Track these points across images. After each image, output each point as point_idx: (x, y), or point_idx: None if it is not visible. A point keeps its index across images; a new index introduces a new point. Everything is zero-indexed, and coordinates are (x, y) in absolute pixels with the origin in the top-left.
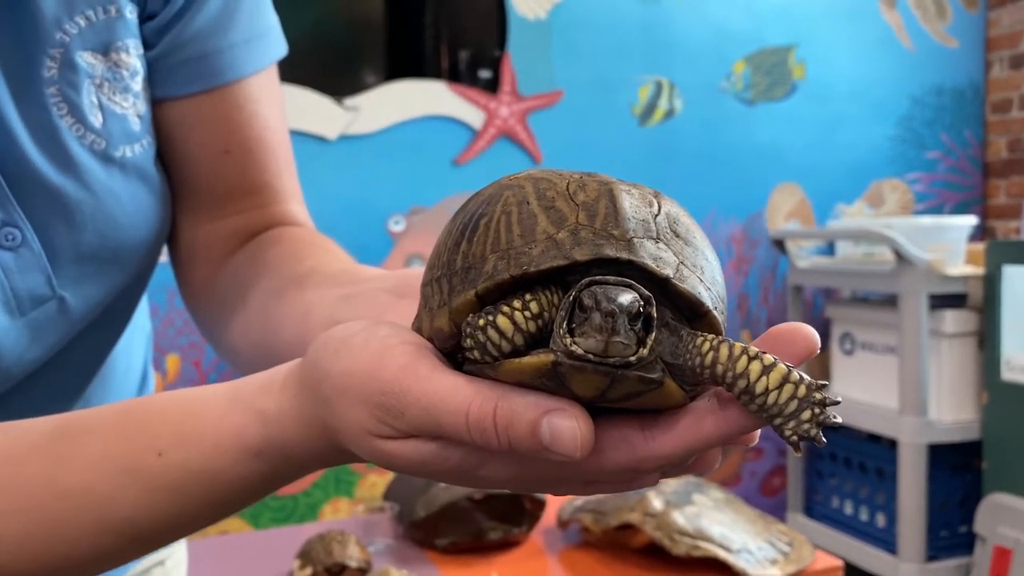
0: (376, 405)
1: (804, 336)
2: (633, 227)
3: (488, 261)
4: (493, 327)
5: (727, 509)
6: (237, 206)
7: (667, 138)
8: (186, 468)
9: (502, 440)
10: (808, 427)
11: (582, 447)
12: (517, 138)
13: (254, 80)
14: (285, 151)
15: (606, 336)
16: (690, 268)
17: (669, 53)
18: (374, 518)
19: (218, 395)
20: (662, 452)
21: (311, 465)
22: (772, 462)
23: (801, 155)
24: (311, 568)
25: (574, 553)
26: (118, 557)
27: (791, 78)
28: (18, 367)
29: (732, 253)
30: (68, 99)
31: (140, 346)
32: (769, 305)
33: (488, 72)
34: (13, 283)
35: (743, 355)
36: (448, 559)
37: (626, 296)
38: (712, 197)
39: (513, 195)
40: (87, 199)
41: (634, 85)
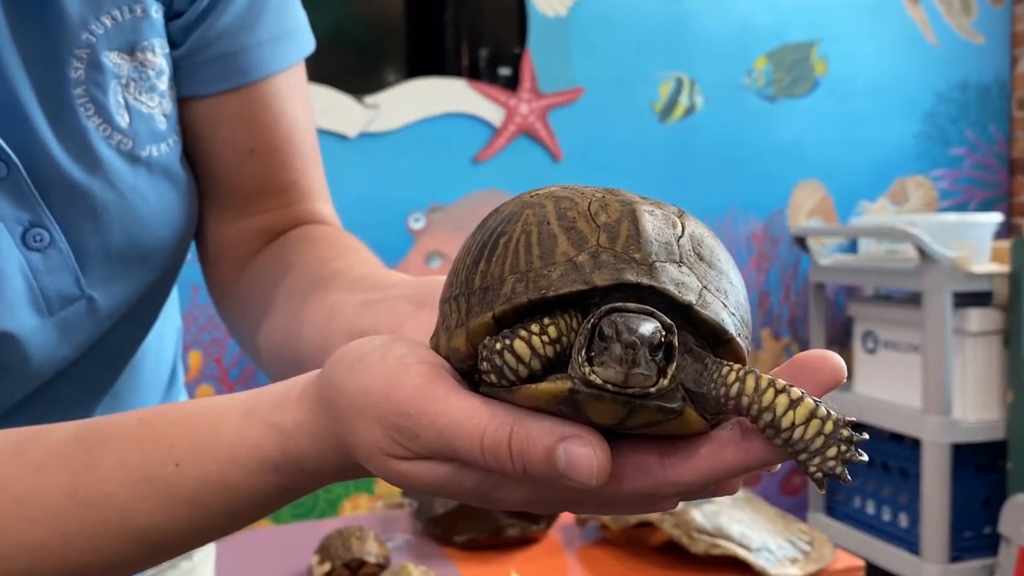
0: (391, 426)
1: (831, 366)
2: (655, 250)
3: (507, 283)
4: (510, 351)
5: (747, 507)
6: (263, 205)
7: (687, 135)
8: (203, 480)
9: (517, 465)
10: (834, 464)
11: (599, 475)
12: (537, 135)
13: (281, 78)
14: (312, 150)
15: (626, 368)
16: (714, 293)
17: (690, 49)
18: (393, 514)
19: (236, 407)
20: (681, 480)
21: (327, 479)
22: (792, 462)
23: (823, 152)
24: (330, 563)
25: (592, 550)
26: (138, 565)
27: (813, 74)
28: (48, 365)
29: (753, 251)
30: (95, 99)
31: (171, 341)
32: (791, 303)
33: (508, 69)
34: (42, 283)
35: (770, 388)
36: (466, 555)
37: (647, 326)
38: (733, 194)
39: (533, 214)
40: (114, 199)
41: (654, 82)
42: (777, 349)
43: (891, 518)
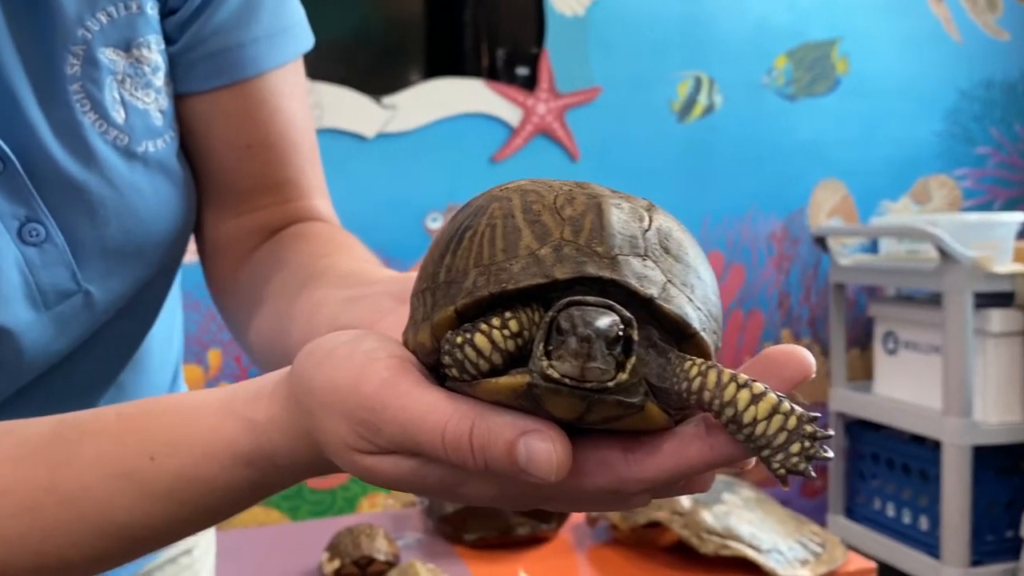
0: (356, 420)
1: (797, 360)
2: (619, 243)
3: (469, 276)
4: (470, 345)
5: (758, 508)
6: (260, 201)
7: (706, 134)
8: (178, 474)
9: (478, 460)
10: (797, 460)
11: (558, 470)
12: (555, 135)
13: (277, 75)
14: (309, 147)
15: (582, 361)
16: (678, 287)
17: (708, 48)
18: (404, 512)
19: (211, 402)
20: (644, 476)
21: (300, 474)
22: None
23: (844, 151)
24: (339, 561)
25: (602, 550)
26: (117, 559)
27: (834, 73)
28: (43, 359)
29: (773, 251)
30: (91, 96)
31: (176, 337)
32: (811, 303)
33: (526, 69)
34: (38, 278)
35: (732, 383)
36: (476, 554)
37: (604, 320)
38: (752, 194)
39: (500, 207)
40: (110, 194)
41: (673, 81)
42: None
43: (911, 521)
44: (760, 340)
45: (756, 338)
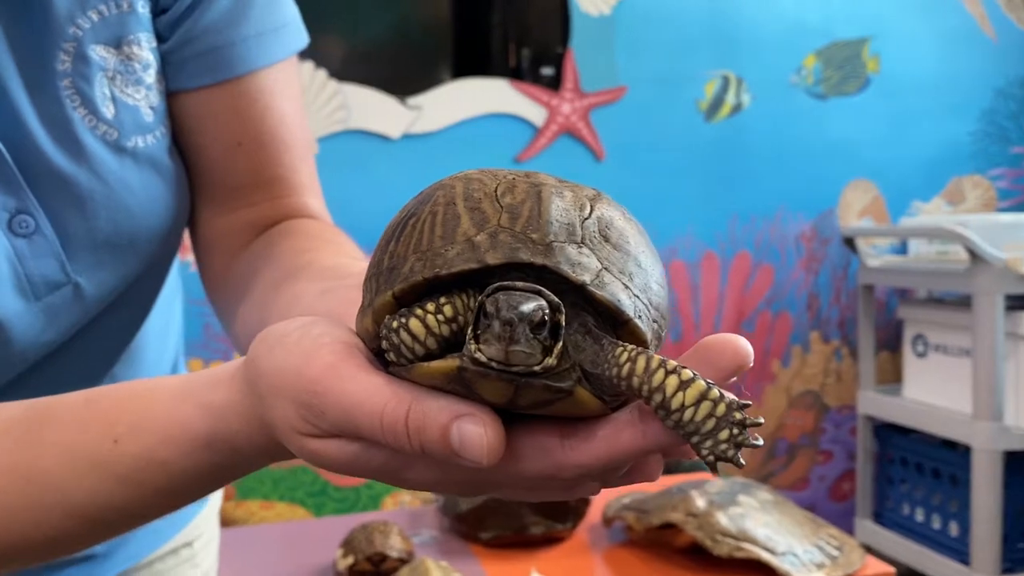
0: (300, 404)
1: (734, 349)
2: (555, 230)
3: (408, 261)
4: (405, 329)
5: (774, 511)
6: (251, 198)
7: (734, 134)
8: (139, 457)
9: (414, 443)
10: (726, 447)
11: (489, 454)
12: (579, 135)
13: (268, 73)
14: (301, 145)
15: (504, 344)
16: (615, 275)
17: (736, 47)
18: (421, 510)
19: (173, 387)
20: (579, 462)
21: (258, 459)
22: (842, 466)
23: (875, 151)
24: (353, 557)
25: (617, 551)
26: (83, 540)
27: (865, 72)
28: (33, 349)
29: (802, 251)
30: (81, 91)
31: (174, 331)
32: (840, 305)
33: (551, 69)
34: (27, 269)
35: (660, 368)
36: (491, 553)
37: (529, 304)
38: (781, 194)
39: (443, 195)
40: (99, 188)
41: (700, 80)
42: (827, 352)
43: (941, 527)
44: (788, 342)
45: (784, 340)
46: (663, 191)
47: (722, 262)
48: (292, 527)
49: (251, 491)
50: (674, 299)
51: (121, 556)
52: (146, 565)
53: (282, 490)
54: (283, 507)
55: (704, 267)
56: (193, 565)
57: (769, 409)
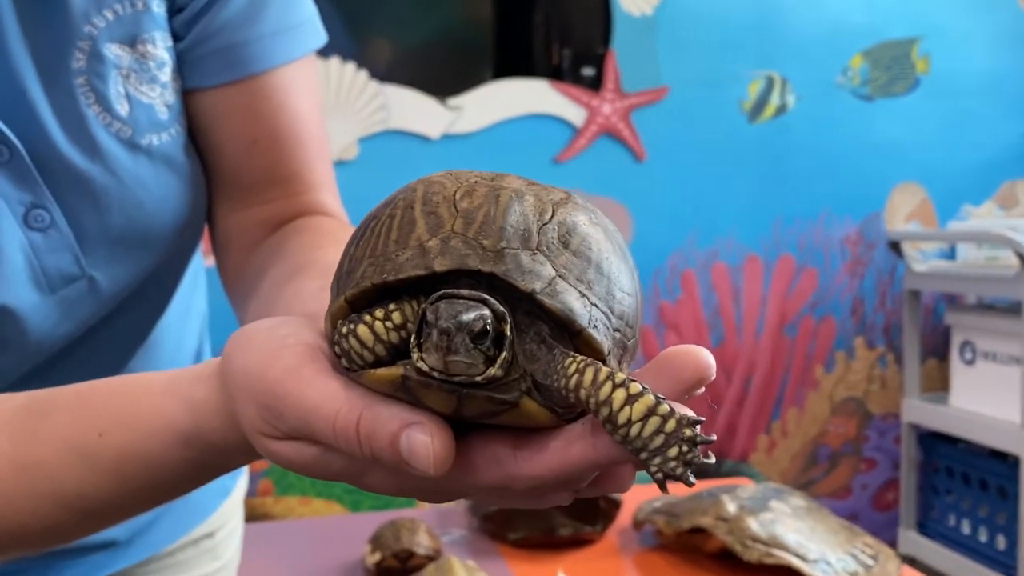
0: (261, 405)
1: (695, 363)
2: (509, 236)
3: (362, 266)
4: (354, 335)
5: (807, 517)
6: (266, 195)
7: (778, 135)
8: (123, 450)
9: (365, 450)
10: (674, 465)
11: (436, 464)
12: (619, 135)
13: (284, 71)
14: (317, 142)
15: (442, 354)
16: (571, 282)
17: (781, 47)
18: (450, 508)
19: (159, 381)
20: (531, 473)
21: (236, 456)
22: (885, 475)
23: (924, 153)
24: (380, 553)
25: (647, 555)
26: (76, 530)
27: (914, 72)
28: (49, 341)
29: (847, 255)
30: (95, 89)
31: (194, 328)
32: (886, 310)
33: (591, 69)
34: (43, 262)
35: (608, 381)
36: (519, 553)
37: (469, 313)
38: (825, 197)
39: (404, 198)
40: (113, 184)
41: (743, 80)
42: (871, 359)
43: (988, 539)
44: (832, 348)
45: (828, 346)
46: (705, 193)
47: (765, 265)
48: (323, 522)
49: (290, 487)
50: (715, 302)
51: (141, 545)
52: (167, 555)
53: (320, 487)
54: (320, 503)
55: (746, 270)
56: (214, 556)
57: (811, 415)
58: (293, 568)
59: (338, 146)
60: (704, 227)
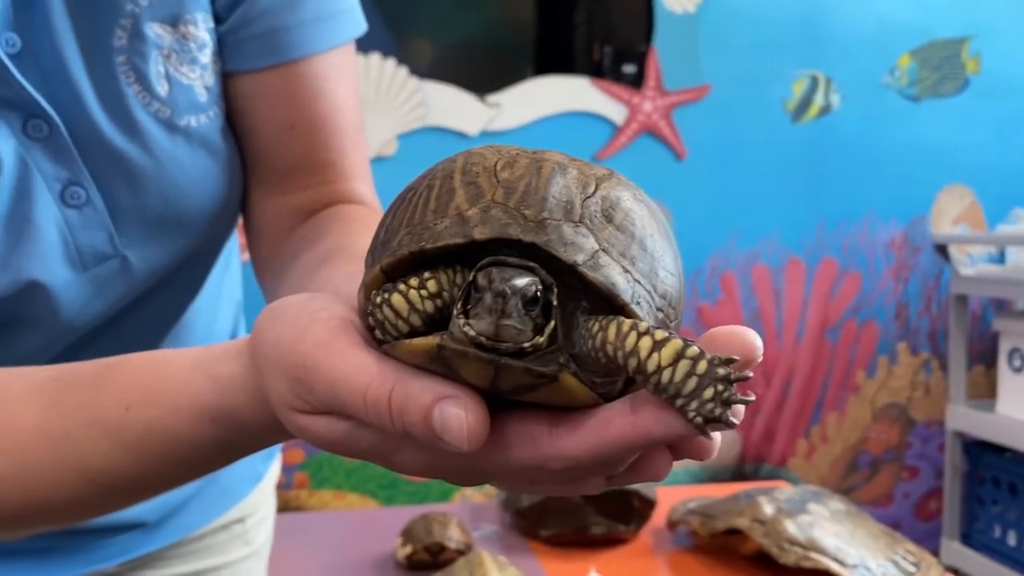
0: (291, 378)
1: (741, 342)
2: (551, 207)
3: (398, 235)
4: (388, 305)
5: (847, 521)
6: (301, 182)
7: (822, 135)
8: (148, 425)
9: (396, 424)
10: (712, 406)
11: (469, 439)
12: (660, 133)
13: (323, 58)
14: (353, 131)
15: (495, 317)
16: (613, 257)
17: (826, 46)
18: (483, 504)
19: (188, 358)
20: (567, 453)
21: (264, 434)
22: (928, 484)
23: (973, 155)
24: (411, 546)
25: (680, 556)
26: (99, 507)
27: (964, 72)
28: (80, 320)
29: (892, 259)
30: (136, 68)
31: (227, 314)
32: (931, 315)
33: (632, 67)
34: (77, 239)
35: (632, 331)
36: (550, 550)
37: (523, 279)
38: (870, 199)
39: (442, 168)
40: (150, 164)
41: (787, 80)
42: (915, 364)
43: None
44: (875, 353)
45: (870, 351)
46: (747, 193)
47: (807, 268)
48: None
49: (325, 481)
50: (755, 305)
51: (172, 527)
52: (197, 538)
53: (354, 481)
54: (354, 498)
55: (788, 273)
56: (245, 542)
57: (852, 421)
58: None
59: (377, 142)
60: (745, 228)
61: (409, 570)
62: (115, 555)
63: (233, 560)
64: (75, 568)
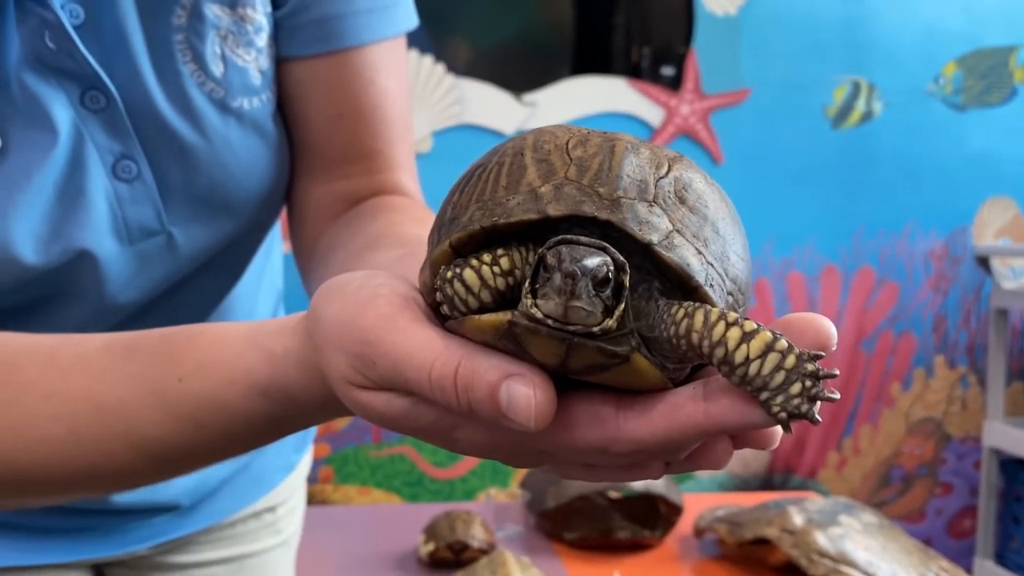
0: (352, 354)
1: (815, 329)
2: (625, 186)
3: (468, 211)
4: (459, 280)
5: (879, 535)
6: (347, 170)
7: (863, 143)
8: (201, 396)
9: (462, 401)
10: (799, 402)
11: (537, 417)
12: (697, 137)
13: (375, 48)
14: (401, 123)
15: (565, 299)
16: (687, 238)
17: (870, 52)
18: (507, 504)
19: (242, 332)
20: (634, 436)
21: (316, 411)
22: (962, 501)
23: (1018, 167)
24: (434, 544)
25: (706, 564)
26: (144, 476)
27: (1011, 81)
28: (124, 295)
29: (931, 270)
30: (193, 47)
31: (267, 300)
32: (970, 329)
33: (671, 69)
34: (125, 213)
35: (720, 321)
36: (574, 553)
37: (593, 259)
38: (911, 208)
39: (512, 146)
40: (202, 144)
41: (829, 85)
42: (952, 378)
43: None
44: (911, 365)
45: (907, 362)
46: (784, 199)
47: (843, 277)
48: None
49: (350, 476)
50: (789, 313)
51: (205, 512)
52: (228, 525)
53: (379, 477)
54: (379, 494)
55: (824, 281)
56: (275, 531)
57: (885, 434)
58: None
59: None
60: (781, 235)
61: (431, 567)
62: (148, 537)
63: (263, 549)
64: (109, 549)
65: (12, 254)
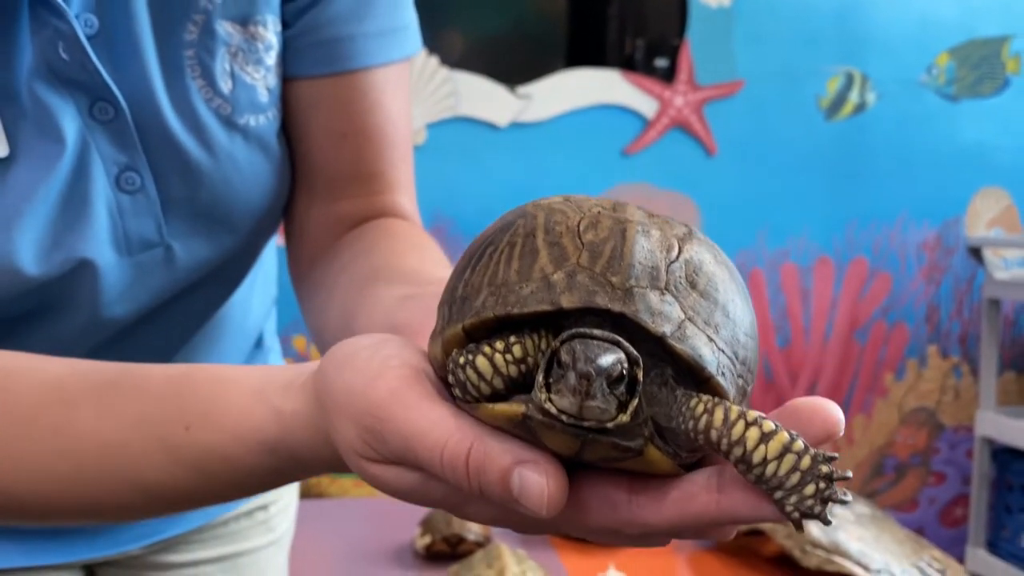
0: (362, 427)
1: (824, 416)
2: (637, 274)
3: (481, 294)
4: (471, 367)
5: (871, 526)
6: (348, 191)
7: (856, 134)
8: (208, 448)
9: (473, 483)
10: (812, 503)
11: (548, 506)
12: (691, 129)
13: (381, 72)
14: (403, 146)
15: (580, 399)
16: (699, 326)
17: (863, 43)
18: None
19: (249, 382)
20: (646, 522)
21: (319, 469)
22: (954, 490)
23: (1011, 157)
24: (430, 537)
25: (701, 555)
26: (145, 514)
27: (1003, 72)
28: (120, 307)
29: (923, 260)
30: (202, 63)
31: (258, 311)
32: (963, 319)
33: (665, 61)
34: (126, 224)
35: (740, 420)
36: (570, 545)
37: (608, 357)
38: (904, 199)
39: (524, 225)
40: (206, 158)
41: (822, 76)
42: (945, 368)
43: None
44: (904, 355)
45: (900, 352)
46: (777, 190)
47: (837, 267)
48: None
49: None
50: (783, 303)
51: (196, 512)
52: (220, 524)
53: None
54: None
55: (817, 272)
56: (268, 529)
57: (878, 424)
58: (344, 547)
59: None
60: (775, 226)
61: (427, 560)
62: (140, 538)
63: (255, 547)
64: (100, 550)
65: (15, 265)
